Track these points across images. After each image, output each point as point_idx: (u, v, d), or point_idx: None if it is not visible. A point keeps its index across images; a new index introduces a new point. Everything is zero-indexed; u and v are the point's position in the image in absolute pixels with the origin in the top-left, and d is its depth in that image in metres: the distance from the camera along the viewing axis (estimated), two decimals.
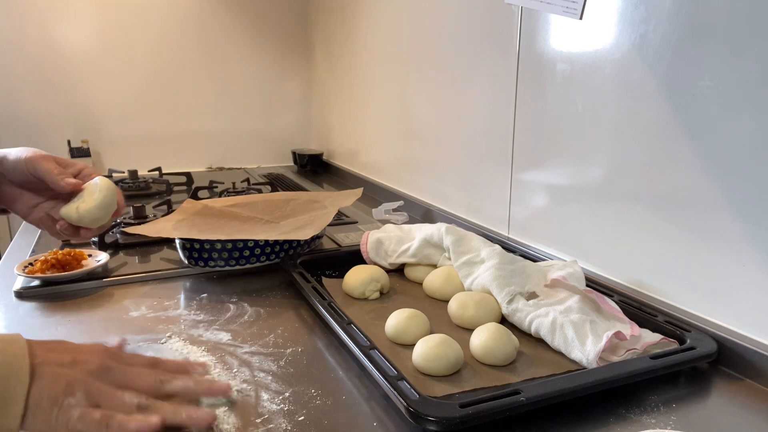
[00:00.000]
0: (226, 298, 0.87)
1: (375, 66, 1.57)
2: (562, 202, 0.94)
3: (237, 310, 0.83)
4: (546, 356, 0.68)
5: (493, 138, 1.08)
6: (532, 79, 0.97)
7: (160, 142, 1.94)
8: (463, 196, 1.22)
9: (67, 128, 1.82)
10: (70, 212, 0.71)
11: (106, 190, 0.72)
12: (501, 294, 0.77)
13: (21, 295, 0.87)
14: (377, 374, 0.59)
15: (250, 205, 1.13)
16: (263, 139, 2.09)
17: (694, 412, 0.59)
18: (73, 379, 0.48)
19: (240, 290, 0.90)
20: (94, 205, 0.71)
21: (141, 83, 1.87)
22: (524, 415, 0.56)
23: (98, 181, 0.73)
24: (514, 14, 0.99)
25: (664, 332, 0.69)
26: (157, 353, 0.67)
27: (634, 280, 0.82)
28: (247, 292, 0.89)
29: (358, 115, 1.74)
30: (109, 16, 1.79)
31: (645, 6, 0.75)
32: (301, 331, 0.77)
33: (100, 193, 0.72)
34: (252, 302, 0.85)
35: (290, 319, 0.80)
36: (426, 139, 1.35)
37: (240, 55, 1.97)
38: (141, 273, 0.96)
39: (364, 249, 0.97)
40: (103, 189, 0.72)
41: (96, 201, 0.71)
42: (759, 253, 0.66)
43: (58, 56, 1.76)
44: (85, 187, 0.72)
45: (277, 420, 0.56)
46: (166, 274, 0.96)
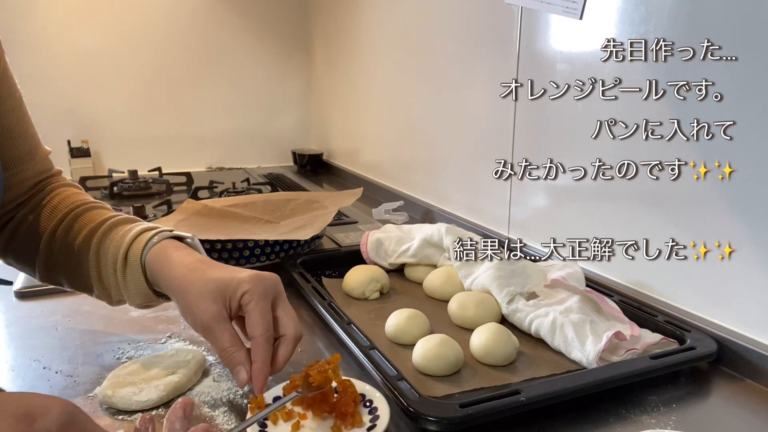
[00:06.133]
0: None
1: (375, 66, 1.57)
2: (562, 202, 0.94)
3: None
4: (546, 356, 0.68)
5: (493, 138, 1.08)
6: (532, 79, 0.97)
7: (160, 142, 1.94)
8: (463, 196, 1.22)
9: (67, 128, 1.81)
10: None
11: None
12: (501, 294, 0.77)
13: (21, 295, 0.87)
14: (377, 374, 0.59)
15: (250, 205, 1.13)
16: (263, 139, 2.08)
17: (694, 412, 0.59)
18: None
19: None
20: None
21: (141, 83, 1.87)
22: (524, 415, 0.56)
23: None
24: (514, 14, 0.99)
25: (664, 332, 0.69)
26: (157, 353, 0.67)
27: (634, 280, 0.82)
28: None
29: (358, 115, 1.73)
30: (108, 16, 1.78)
31: (645, 6, 0.75)
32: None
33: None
34: None
35: None
36: (426, 139, 1.34)
37: (240, 55, 1.97)
38: None
39: (364, 249, 0.97)
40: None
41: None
42: (759, 253, 0.66)
43: (58, 56, 1.75)
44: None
45: None
46: None
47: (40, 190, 0.71)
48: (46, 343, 0.73)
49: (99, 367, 0.67)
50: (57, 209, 0.68)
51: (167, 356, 0.66)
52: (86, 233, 0.65)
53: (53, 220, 0.67)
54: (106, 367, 0.66)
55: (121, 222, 0.66)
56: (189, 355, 0.66)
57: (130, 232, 0.64)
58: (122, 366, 0.64)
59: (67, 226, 0.67)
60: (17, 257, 0.70)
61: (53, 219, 0.67)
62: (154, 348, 0.71)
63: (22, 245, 0.69)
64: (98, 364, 0.68)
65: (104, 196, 1.53)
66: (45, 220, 0.68)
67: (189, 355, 0.66)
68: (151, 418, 0.44)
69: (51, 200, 0.69)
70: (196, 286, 0.57)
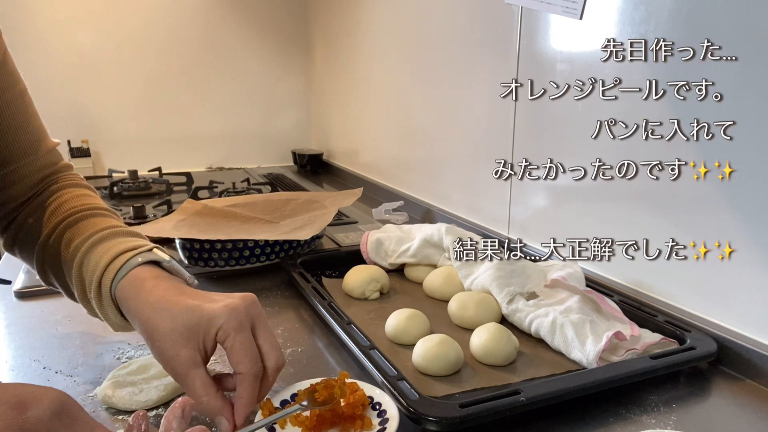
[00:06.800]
0: None
1: (375, 66, 1.57)
2: (562, 202, 0.94)
3: None
4: (546, 356, 0.68)
5: (493, 138, 1.08)
6: (532, 79, 0.97)
7: (160, 142, 1.94)
8: (463, 196, 1.22)
9: (67, 128, 1.81)
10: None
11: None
12: (501, 294, 0.77)
13: (21, 295, 0.87)
14: (377, 374, 0.59)
15: (250, 205, 1.13)
16: (263, 139, 2.08)
17: (694, 412, 0.59)
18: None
19: (240, 290, 0.89)
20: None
21: (141, 83, 1.87)
22: (524, 415, 0.56)
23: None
24: (514, 14, 0.99)
25: (664, 332, 0.69)
26: None
27: (634, 280, 0.82)
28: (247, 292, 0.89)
29: (357, 115, 1.74)
30: (109, 16, 1.79)
31: (645, 6, 0.75)
32: (301, 331, 0.77)
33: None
34: None
35: (290, 319, 0.80)
36: (426, 139, 1.34)
37: (240, 55, 1.97)
38: None
39: (364, 249, 0.97)
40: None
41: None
42: (759, 253, 0.66)
43: (58, 56, 1.75)
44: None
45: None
46: None
47: (44, 188, 0.69)
48: (46, 343, 0.73)
49: (99, 367, 0.67)
50: (54, 215, 0.66)
51: None
52: (73, 248, 0.62)
53: (48, 227, 0.65)
54: (106, 367, 0.66)
55: (104, 238, 0.62)
56: None
57: (105, 255, 0.59)
58: (122, 366, 0.64)
59: (58, 235, 0.64)
60: (22, 255, 0.69)
61: (48, 225, 0.65)
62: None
63: (24, 246, 0.68)
64: (98, 364, 0.68)
65: (104, 196, 1.53)
66: (41, 226, 0.65)
67: None
68: (144, 415, 0.43)
69: (52, 203, 0.67)
70: (164, 329, 0.53)
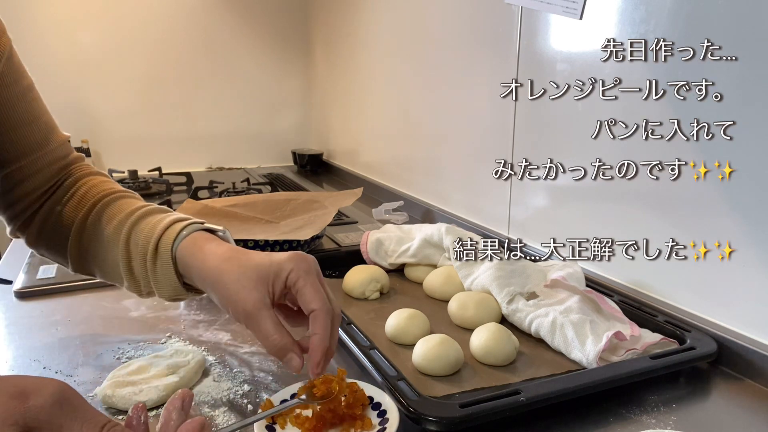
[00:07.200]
0: None
1: (375, 66, 1.57)
2: (562, 202, 0.94)
3: None
4: (546, 356, 0.68)
5: (493, 138, 1.08)
6: (532, 79, 0.97)
7: (160, 142, 1.94)
8: (463, 196, 1.22)
9: (66, 128, 1.79)
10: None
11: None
12: (501, 294, 0.77)
13: (21, 295, 0.87)
14: (377, 374, 0.59)
15: (250, 205, 1.13)
16: (263, 139, 2.08)
17: (694, 412, 0.59)
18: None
19: None
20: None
21: (141, 83, 1.87)
22: (524, 415, 0.56)
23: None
24: (514, 14, 0.99)
25: (664, 332, 0.69)
26: (157, 353, 0.67)
27: (634, 280, 0.82)
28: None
29: (358, 115, 1.74)
30: (109, 16, 1.78)
31: (645, 6, 0.75)
32: (301, 332, 0.76)
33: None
34: None
35: None
36: (426, 139, 1.34)
37: (240, 55, 1.97)
38: None
39: (364, 249, 0.97)
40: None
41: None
42: (759, 253, 0.66)
43: (57, 56, 1.75)
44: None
45: None
46: None
47: (65, 178, 0.69)
48: (46, 343, 0.73)
49: (99, 367, 0.67)
50: (85, 198, 0.66)
51: (167, 356, 0.66)
52: (116, 223, 0.63)
53: (82, 210, 0.65)
54: (106, 367, 0.66)
55: (152, 212, 0.64)
56: (189, 355, 0.66)
57: (161, 223, 0.61)
58: (122, 366, 0.64)
59: (96, 215, 0.65)
60: (49, 248, 0.68)
61: (82, 209, 0.66)
62: (154, 348, 0.71)
63: (53, 236, 0.67)
64: (98, 364, 0.68)
65: None
66: (74, 210, 0.66)
67: (189, 355, 0.66)
68: (144, 407, 0.44)
69: (78, 189, 0.67)
70: (233, 275, 0.54)
